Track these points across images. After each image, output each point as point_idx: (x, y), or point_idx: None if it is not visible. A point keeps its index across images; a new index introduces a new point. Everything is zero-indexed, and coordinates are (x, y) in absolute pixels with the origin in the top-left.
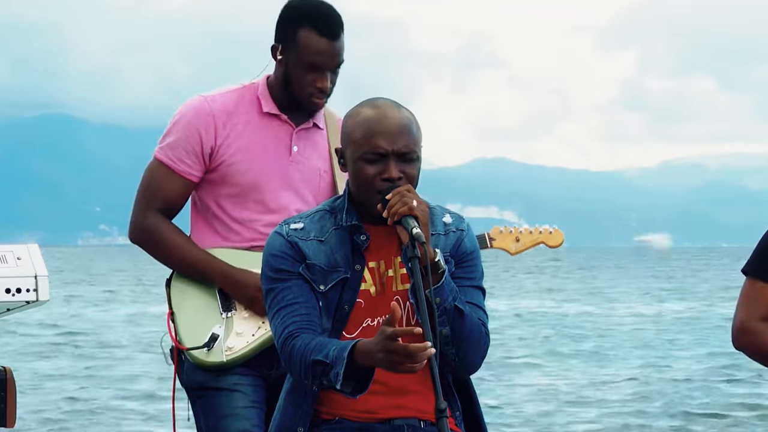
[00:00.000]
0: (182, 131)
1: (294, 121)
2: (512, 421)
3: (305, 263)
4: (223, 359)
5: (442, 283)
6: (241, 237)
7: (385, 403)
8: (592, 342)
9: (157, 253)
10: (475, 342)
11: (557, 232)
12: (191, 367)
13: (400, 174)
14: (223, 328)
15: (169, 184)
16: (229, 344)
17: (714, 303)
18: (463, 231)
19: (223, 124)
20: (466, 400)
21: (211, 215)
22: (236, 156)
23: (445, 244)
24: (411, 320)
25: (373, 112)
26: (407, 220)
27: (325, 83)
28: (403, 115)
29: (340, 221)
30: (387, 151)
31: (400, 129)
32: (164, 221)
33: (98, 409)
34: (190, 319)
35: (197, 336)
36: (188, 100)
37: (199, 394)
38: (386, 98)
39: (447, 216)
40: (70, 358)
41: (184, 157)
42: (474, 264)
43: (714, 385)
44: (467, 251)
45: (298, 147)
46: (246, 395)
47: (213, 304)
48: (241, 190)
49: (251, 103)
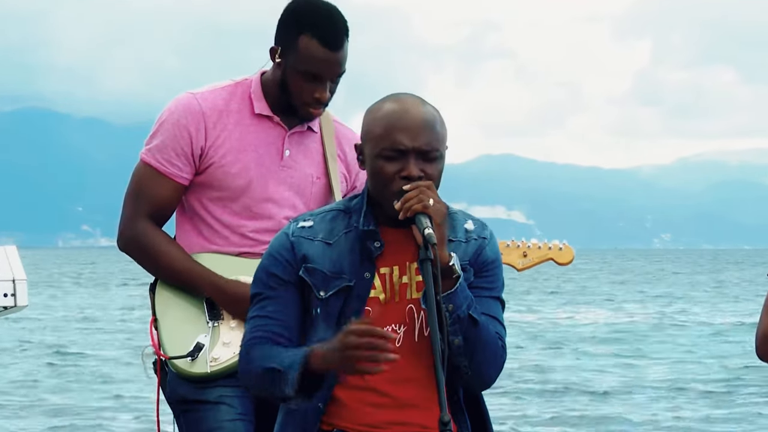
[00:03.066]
0: (171, 131)
1: (287, 123)
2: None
3: (305, 266)
4: (208, 370)
5: (456, 290)
6: (228, 242)
7: (388, 417)
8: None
9: (146, 263)
10: (489, 355)
11: (567, 248)
12: (175, 378)
13: (421, 173)
14: (209, 338)
15: (158, 188)
16: (214, 354)
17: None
18: (485, 239)
19: (213, 124)
20: (478, 420)
21: (198, 218)
22: (226, 158)
23: (465, 252)
24: (425, 330)
25: (395, 106)
26: (420, 219)
27: (324, 94)
28: (426, 110)
29: (354, 223)
30: (407, 147)
31: (422, 125)
32: (154, 229)
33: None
34: (174, 327)
35: (181, 345)
36: (176, 98)
37: (183, 408)
38: (410, 93)
39: (469, 222)
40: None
41: (173, 158)
42: (495, 274)
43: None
44: (488, 260)
45: (291, 151)
46: (233, 408)
47: (199, 312)
48: (230, 194)
49: (243, 102)
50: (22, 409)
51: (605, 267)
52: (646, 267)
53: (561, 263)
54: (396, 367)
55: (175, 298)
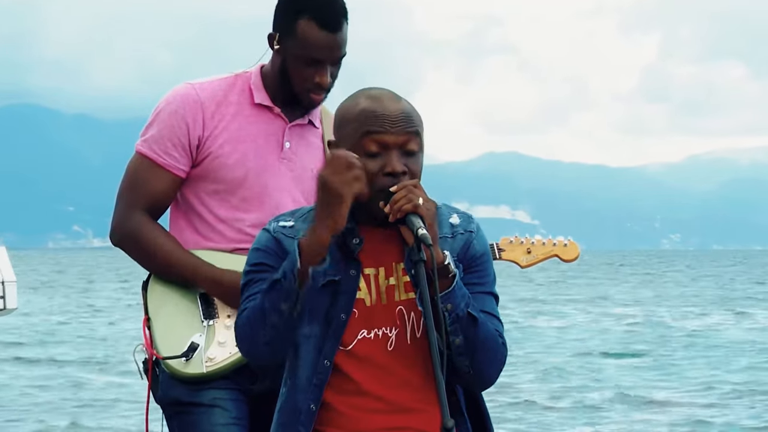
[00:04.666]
0: (167, 121)
1: (287, 115)
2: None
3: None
4: (203, 370)
5: (453, 288)
6: (225, 237)
7: (384, 422)
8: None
9: (140, 257)
10: (490, 353)
11: (572, 244)
12: (167, 380)
13: (405, 168)
14: (204, 337)
15: (154, 180)
16: (210, 354)
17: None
18: (472, 233)
19: (211, 114)
20: (478, 421)
21: (193, 213)
22: (223, 148)
23: (452, 247)
24: (417, 331)
25: (371, 102)
26: (412, 220)
27: (325, 78)
28: (403, 104)
29: None
30: (389, 144)
31: (402, 119)
32: (149, 222)
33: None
34: (167, 327)
35: (175, 345)
36: (174, 88)
37: (176, 410)
38: (381, 88)
39: (454, 216)
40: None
41: (170, 149)
42: (485, 268)
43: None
44: (477, 254)
45: (291, 143)
46: (227, 411)
47: (194, 310)
48: (227, 187)
49: (242, 93)
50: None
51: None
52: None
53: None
54: (389, 371)
55: (169, 297)
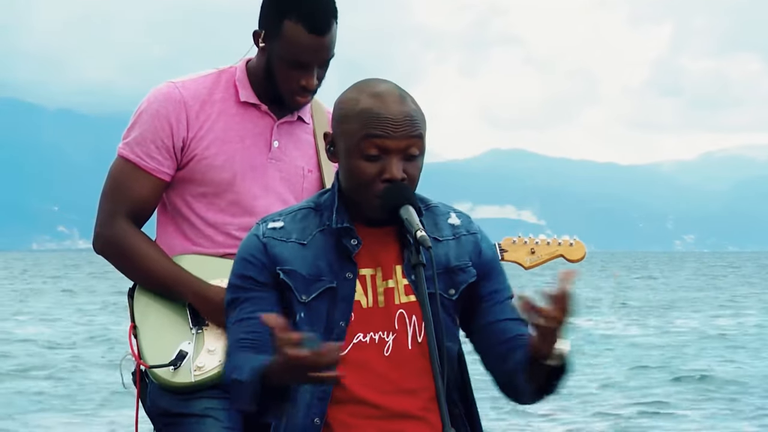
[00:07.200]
0: (150, 122)
1: (275, 112)
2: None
3: (282, 269)
4: (192, 379)
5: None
6: (213, 242)
7: (378, 429)
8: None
9: (124, 266)
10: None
11: (579, 244)
12: (156, 390)
13: (403, 174)
14: (193, 345)
15: (137, 184)
16: (198, 363)
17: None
18: (476, 234)
19: (195, 114)
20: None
21: (181, 217)
22: (209, 149)
23: (458, 251)
24: (418, 336)
25: (374, 102)
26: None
27: (311, 81)
28: (407, 106)
29: (327, 221)
30: (390, 148)
31: (405, 122)
32: (132, 229)
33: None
34: (155, 335)
35: (163, 353)
36: (156, 88)
37: (165, 421)
38: (386, 81)
39: (453, 216)
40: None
41: (153, 152)
42: (500, 271)
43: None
44: (489, 258)
45: (280, 142)
46: (219, 421)
47: (182, 317)
48: (215, 189)
49: (227, 90)
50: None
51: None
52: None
53: (572, 260)
54: (387, 378)
55: (156, 304)
